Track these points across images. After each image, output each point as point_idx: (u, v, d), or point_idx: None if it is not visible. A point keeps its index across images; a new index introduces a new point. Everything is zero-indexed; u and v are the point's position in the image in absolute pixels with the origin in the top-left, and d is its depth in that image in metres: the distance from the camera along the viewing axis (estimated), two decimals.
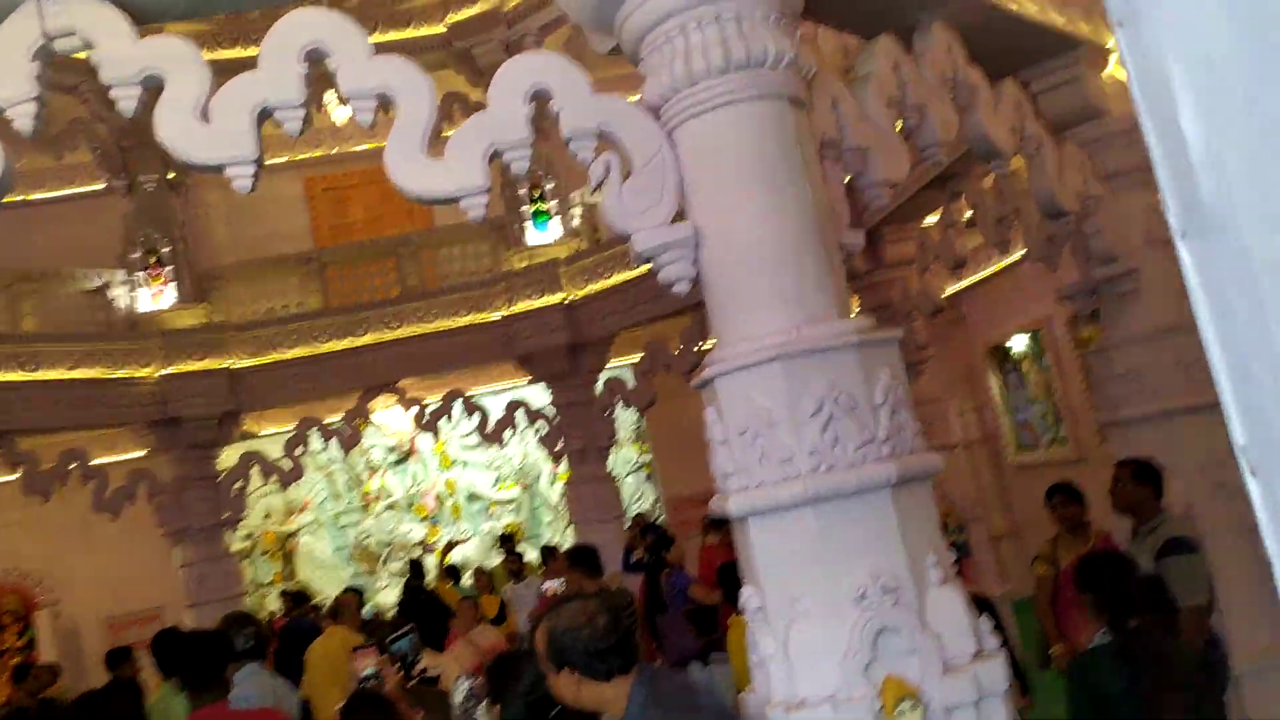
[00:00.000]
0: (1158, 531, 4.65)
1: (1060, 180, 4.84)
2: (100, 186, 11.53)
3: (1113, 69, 5.07)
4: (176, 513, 10.16)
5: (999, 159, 4.42)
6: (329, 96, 11.32)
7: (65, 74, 10.24)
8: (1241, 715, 4.77)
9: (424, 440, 14.47)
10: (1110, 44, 5.01)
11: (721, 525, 8.42)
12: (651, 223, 3.03)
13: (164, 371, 10.06)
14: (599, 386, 10.70)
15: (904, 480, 2.84)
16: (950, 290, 10.77)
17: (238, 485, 10.52)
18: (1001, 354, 12.33)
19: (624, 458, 14.79)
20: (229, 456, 10.84)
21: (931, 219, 8.15)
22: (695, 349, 9.72)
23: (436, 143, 2.98)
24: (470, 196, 2.99)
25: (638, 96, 3.10)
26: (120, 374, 9.83)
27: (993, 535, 10.52)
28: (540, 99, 3.04)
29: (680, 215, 3.07)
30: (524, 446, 14.83)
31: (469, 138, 2.98)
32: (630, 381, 10.42)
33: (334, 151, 13.10)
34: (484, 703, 3.16)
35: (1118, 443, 5.28)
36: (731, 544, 7.86)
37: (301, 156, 13.02)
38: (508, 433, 10.98)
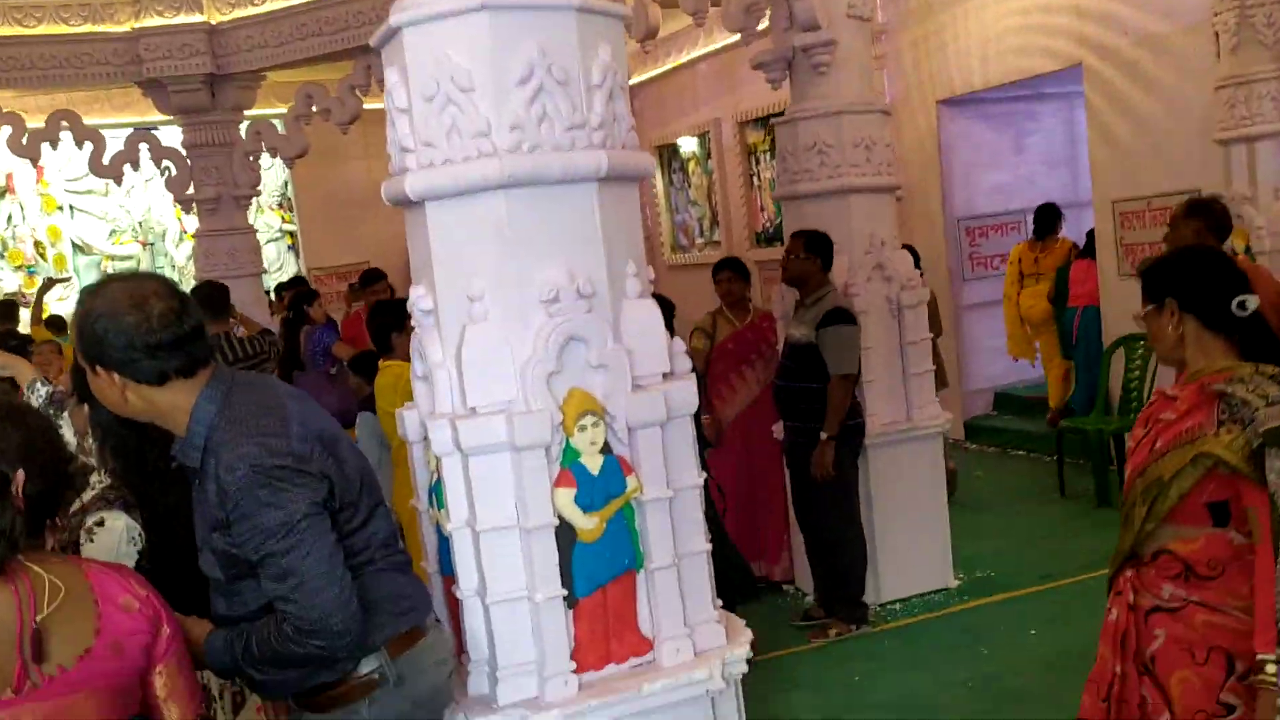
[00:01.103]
0: (821, 303, 4.68)
1: None
2: None
3: None
4: None
5: None
6: None
7: None
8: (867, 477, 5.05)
9: (23, 177, 12.54)
10: None
11: (369, 284, 7.85)
12: None
13: None
14: (242, 129, 9.52)
15: (614, 176, 2.48)
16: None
17: None
18: (670, 153, 12.33)
19: (264, 223, 13.62)
20: None
21: None
22: (358, 96, 8.84)
23: None
24: None
25: None
26: None
27: None
28: None
29: None
30: (148, 198, 13.25)
31: None
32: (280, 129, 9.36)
33: None
34: (69, 404, 2.55)
35: (792, 218, 5.25)
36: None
37: None
38: (128, 173, 9.58)
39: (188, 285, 12.67)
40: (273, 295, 10.62)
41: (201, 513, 1.99)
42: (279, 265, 13.86)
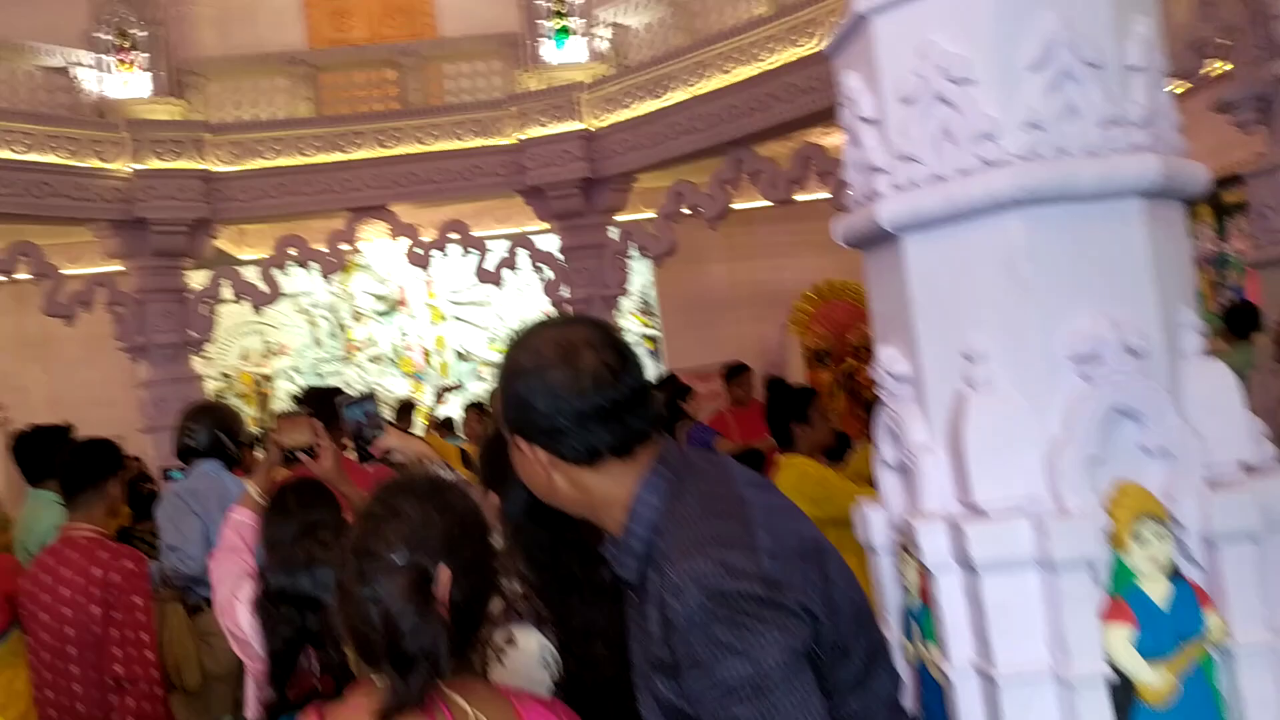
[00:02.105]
0: None
1: None
2: None
3: None
4: (138, 326, 9.13)
5: None
6: None
7: None
8: None
9: (414, 291, 13.51)
10: None
11: (735, 376, 7.39)
12: None
13: (135, 166, 8.92)
14: (613, 231, 9.61)
15: (1164, 190, 1.80)
16: None
17: (207, 303, 9.47)
18: None
19: (624, 327, 13.82)
20: (200, 279, 9.81)
21: None
22: (727, 191, 8.64)
23: None
24: None
25: None
26: (85, 164, 8.68)
27: None
28: None
29: None
30: (521, 304, 13.87)
31: None
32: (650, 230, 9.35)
33: None
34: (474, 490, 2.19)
35: (1276, 288, 4.25)
36: (744, 397, 6.84)
37: None
38: (507, 278, 9.93)
39: None
40: None
41: (641, 643, 1.46)
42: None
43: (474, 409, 9.05)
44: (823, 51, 7.19)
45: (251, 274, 9.92)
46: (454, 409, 12.89)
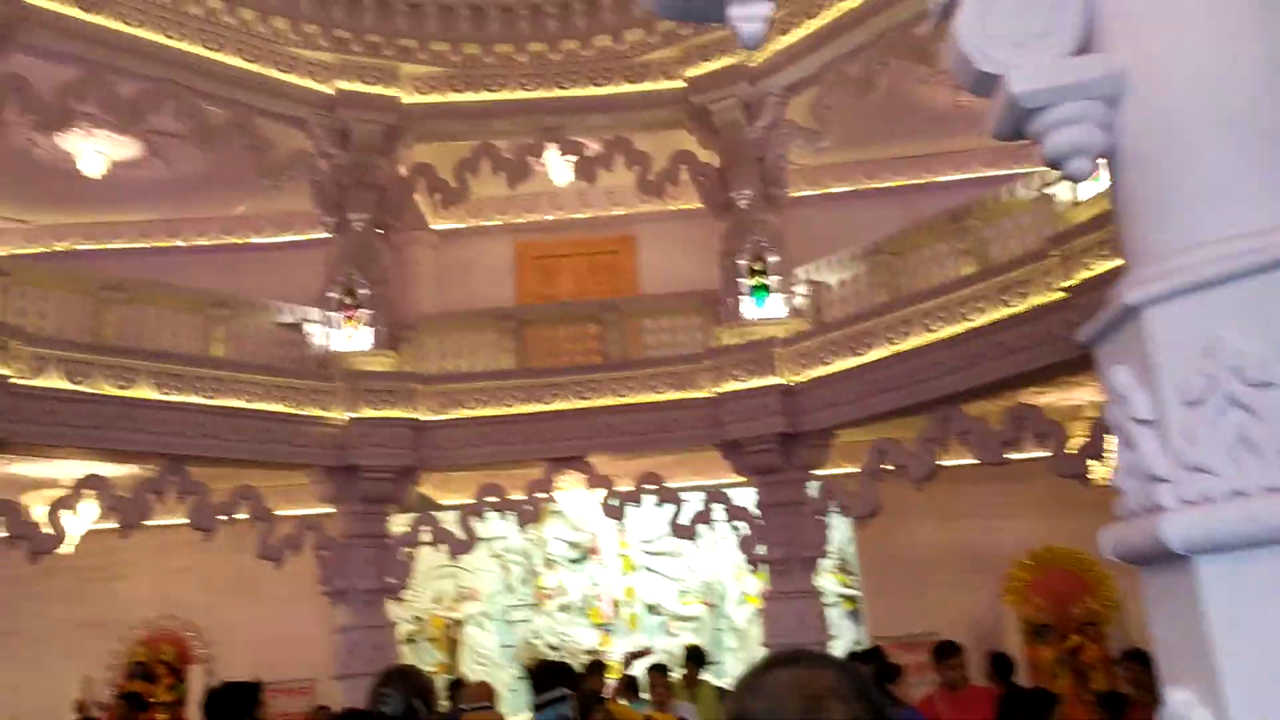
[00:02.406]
0: None
1: None
2: (315, 236, 11.31)
3: None
4: (340, 570, 9.35)
5: None
6: (550, 156, 10.76)
7: (296, 106, 10.07)
8: None
9: (607, 540, 13.40)
10: None
11: (945, 658, 6.78)
12: (1038, 56, 1.83)
13: (349, 415, 9.40)
14: (812, 488, 9.34)
15: None
16: None
17: (407, 550, 9.63)
18: None
19: (821, 587, 13.20)
20: (402, 523, 10.06)
21: None
22: (933, 451, 8.28)
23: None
24: None
25: None
26: (304, 412, 9.21)
27: None
28: None
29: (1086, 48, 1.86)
30: (714, 558, 13.52)
31: None
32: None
33: (549, 217, 12.49)
34: None
35: None
36: (957, 680, 6.20)
37: (517, 220, 12.49)
38: (701, 532, 9.73)
39: (747, 649, 12.45)
40: None
41: None
42: (835, 633, 13.22)
43: (657, 670, 8.68)
44: (1033, 310, 6.81)
45: (450, 521, 10.08)
46: (638, 667, 12.47)
